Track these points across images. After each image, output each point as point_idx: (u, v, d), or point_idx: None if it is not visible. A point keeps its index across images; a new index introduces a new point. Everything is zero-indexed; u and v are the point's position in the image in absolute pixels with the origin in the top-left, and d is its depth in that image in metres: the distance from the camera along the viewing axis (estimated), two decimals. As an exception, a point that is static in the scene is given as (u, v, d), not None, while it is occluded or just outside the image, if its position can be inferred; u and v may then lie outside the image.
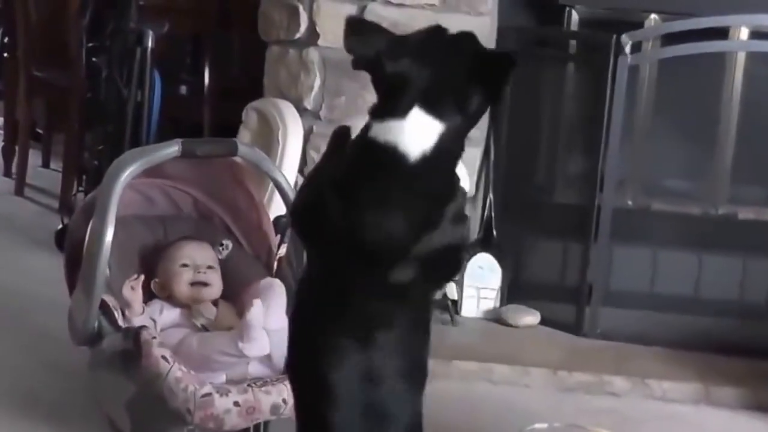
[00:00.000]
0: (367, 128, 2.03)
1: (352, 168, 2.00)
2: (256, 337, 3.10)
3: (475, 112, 1.99)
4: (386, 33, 2.12)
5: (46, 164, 7.00)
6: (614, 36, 4.18)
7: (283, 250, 3.68)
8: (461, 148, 2.01)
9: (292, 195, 3.51)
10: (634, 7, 4.39)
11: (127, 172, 3.22)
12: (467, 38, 2.06)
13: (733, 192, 4.53)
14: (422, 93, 1.94)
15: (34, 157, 6.66)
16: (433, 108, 1.92)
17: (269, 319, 3.14)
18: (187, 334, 3.37)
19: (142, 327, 3.17)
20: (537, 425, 1.48)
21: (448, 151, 1.95)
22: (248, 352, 3.09)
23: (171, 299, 3.51)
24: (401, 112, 1.92)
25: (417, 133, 1.91)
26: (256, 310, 3.11)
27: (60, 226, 5.22)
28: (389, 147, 1.92)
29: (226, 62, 5.78)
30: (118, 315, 3.32)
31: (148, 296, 3.51)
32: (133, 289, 3.39)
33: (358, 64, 2.11)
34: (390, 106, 1.96)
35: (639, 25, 4.32)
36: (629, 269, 4.40)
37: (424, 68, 1.96)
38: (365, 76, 4.37)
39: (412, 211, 1.94)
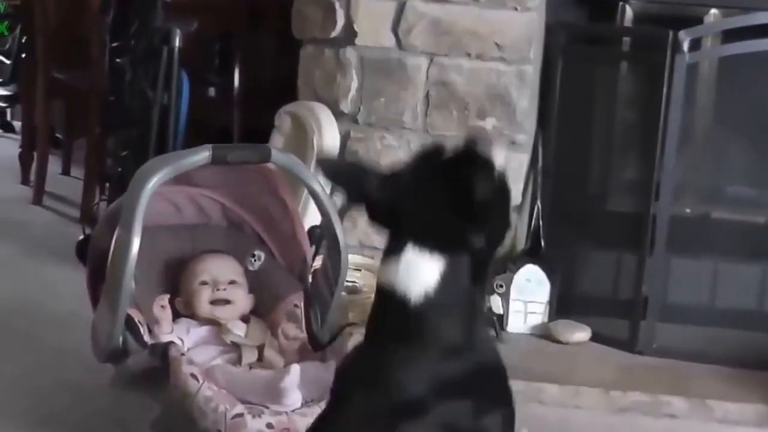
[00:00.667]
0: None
1: (371, 316, 1.99)
2: (289, 397, 3.10)
3: (483, 243, 1.92)
4: (367, 168, 2.10)
5: (66, 171, 7.04)
6: (671, 33, 4.16)
7: (318, 262, 3.70)
8: (480, 282, 1.95)
9: (328, 203, 3.53)
10: (692, 1, 4.38)
11: (154, 180, 3.22)
12: (463, 162, 1.95)
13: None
14: (415, 228, 1.91)
15: (54, 164, 6.70)
16: (429, 244, 1.88)
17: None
18: (217, 356, 3.41)
19: (170, 343, 3.17)
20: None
21: (458, 289, 1.90)
22: (279, 408, 3.10)
23: (196, 316, 3.54)
24: (396, 250, 1.90)
25: (413, 272, 1.87)
26: (291, 378, 3.10)
27: (81, 237, 5.22)
28: (389, 290, 1.89)
29: (257, 62, 5.79)
30: (144, 331, 3.33)
31: (175, 313, 3.54)
32: (163, 308, 3.43)
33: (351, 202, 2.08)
34: (388, 245, 1.95)
35: (698, 20, 4.32)
36: (688, 282, 4.40)
37: (414, 201, 1.93)
38: (407, 78, 4.41)
39: (421, 370, 1.90)
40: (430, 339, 1.87)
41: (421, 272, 1.86)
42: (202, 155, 3.27)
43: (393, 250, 1.92)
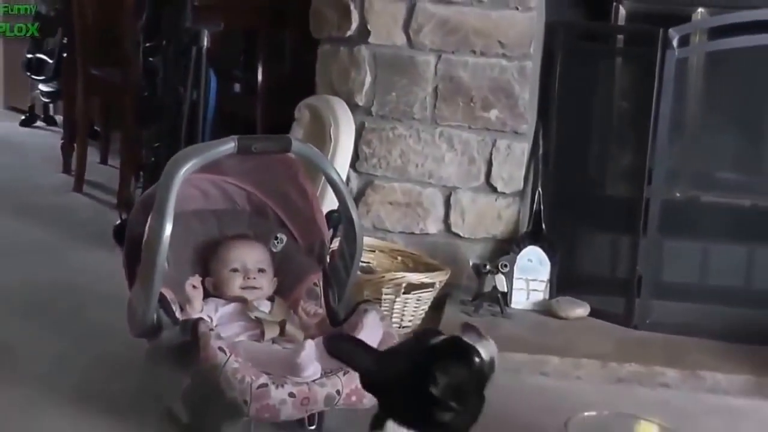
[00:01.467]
0: None
1: None
2: (306, 371, 3.09)
3: (450, 422, 1.95)
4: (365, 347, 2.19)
5: (104, 161, 7.05)
6: (662, 30, 4.15)
7: (335, 244, 3.71)
8: None
9: (344, 190, 3.55)
10: (681, 1, 4.38)
11: (184, 168, 3.23)
12: (440, 352, 2.00)
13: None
14: (394, 406, 1.96)
15: (92, 154, 6.71)
16: (404, 420, 1.92)
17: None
18: (242, 330, 3.43)
19: (200, 319, 3.18)
20: (586, 414, 1.48)
21: None
22: (298, 379, 3.11)
23: (224, 296, 3.55)
24: (379, 423, 1.96)
25: None
26: (307, 354, 3.09)
27: (118, 222, 5.24)
28: None
29: (278, 60, 5.79)
30: (176, 308, 3.37)
31: (205, 292, 3.55)
32: (194, 288, 3.44)
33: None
34: (375, 415, 2.00)
35: (686, 18, 4.32)
36: (679, 261, 4.40)
37: (394, 383, 1.98)
38: (417, 73, 4.42)
39: None
40: None
41: None
42: (228, 146, 3.28)
43: (377, 423, 1.98)
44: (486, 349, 1.95)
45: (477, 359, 1.92)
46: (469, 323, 2.00)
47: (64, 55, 7.22)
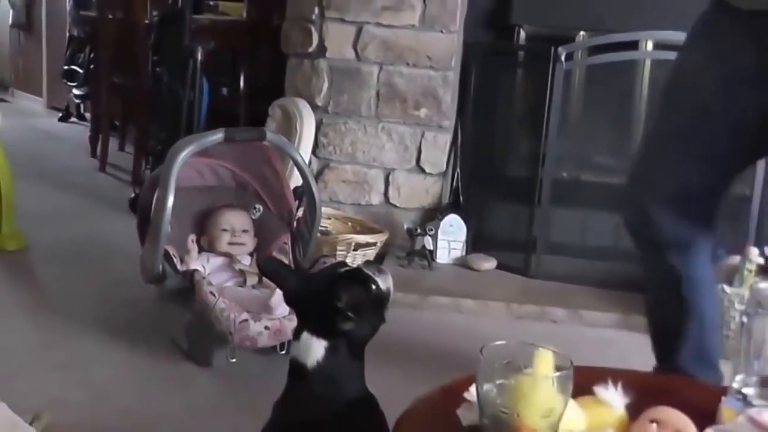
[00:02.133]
0: None
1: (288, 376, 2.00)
2: (276, 310, 3.14)
3: (351, 332, 1.92)
4: (289, 269, 2.18)
5: (122, 148, 7.01)
6: (553, 48, 4.16)
7: (300, 212, 3.70)
8: (357, 355, 1.95)
9: (307, 171, 3.58)
10: (567, 26, 4.38)
11: (183, 153, 3.24)
12: (345, 277, 1.98)
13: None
14: (308, 319, 1.94)
15: (113, 143, 6.68)
16: (315, 330, 1.91)
17: None
18: (229, 278, 3.44)
19: (195, 270, 3.22)
20: (496, 342, 1.48)
21: (339, 360, 1.93)
22: (271, 315, 3.13)
23: (215, 251, 3.54)
24: (298, 333, 1.94)
25: (307, 348, 1.91)
26: (277, 296, 3.12)
27: (132, 195, 5.25)
28: (294, 360, 1.93)
29: (256, 70, 5.77)
30: (177, 262, 3.38)
31: (199, 248, 3.55)
32: (193, 242, 3.47)
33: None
34: (295, 328, 1.97)
35: (572, 39, 4.31)
36: (565, 225, 4.40)
37: (309, 299, 1.96)
38: (363, 80, 4.40)
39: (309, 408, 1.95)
40: (318, 391, 1.91)
41: (312, 348, 1.90)
42: (217, 135, 3.30)
43: (296, 333, 1.95)
44: (384, 280, 1.96)
45: (374, 285, 1.93)
46: (374, 263, 2.02)
47: (92, 66, 7.20)
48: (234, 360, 3.13)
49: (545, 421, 1.51)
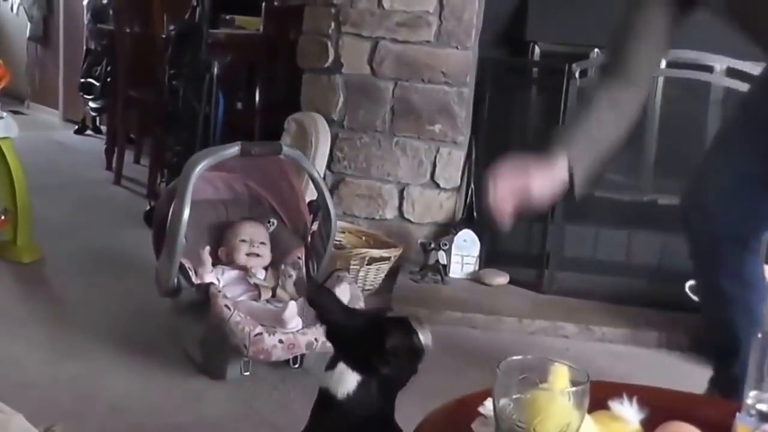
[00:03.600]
0: None
1: (315, 405, 2.07)
2: (290, 324, 3.15)
3: (390, 374, 2.00)
4: (340, 306, 2.17)
5: (137, 161, 7.01)
6: (567, 65, 4.17)
7: (315, 226, 3.71)
8: (387, 396, 2.02)
9: (322, 185, 3.58)
10: (581, 43, 4.37)
11: (200, 166, 3.26)
12: (393, 323, 2.06)
13: (656, 183, 4.53)
14: (346, 353, 2.01)
15: (128, 156, 6.69)
16: (351, 365, 1.98)
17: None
18: (243, 292, 3.46)
19: (210, 284, 3.22)
20: (513, 357, 1.49)
21: (369, 396, 1.99)
22: (285, 329, 3.13)
23: (231, 264, 3.55)
24: (333, 364, 2.00)
25: (340, 379, 1.98)
26: (290, 311, 3.15)
27: (147, 208, 5.24)
28: (325, 388, 2.00)
29: (272, 84, 5.77)
30: (192, 274, 3.38)
31: (214, 260, 3.54)
32: (207, 254, 3.46)
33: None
34: (329, 360, 2.04)
35: (585, 56, 4.31)
36: (578, 242, 4.39)
37: (349, 336, 2.03)
38: (379, 95, 4.40)
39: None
40: (345, 422, 1.98)
41: (345, 380, 1.96)
42: (233, 149, 3.31)
43: (332, 363, 2.01)
44: (425, 335, 2.01)
45: (416, 338, 1.97)
46: (417, 316, 2.07)
47: (108, 79, 7.22)
48: (248, 373, 3.16)
49: (562, 435, 1.51)
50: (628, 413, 1.72)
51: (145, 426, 2.87)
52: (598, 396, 1.61)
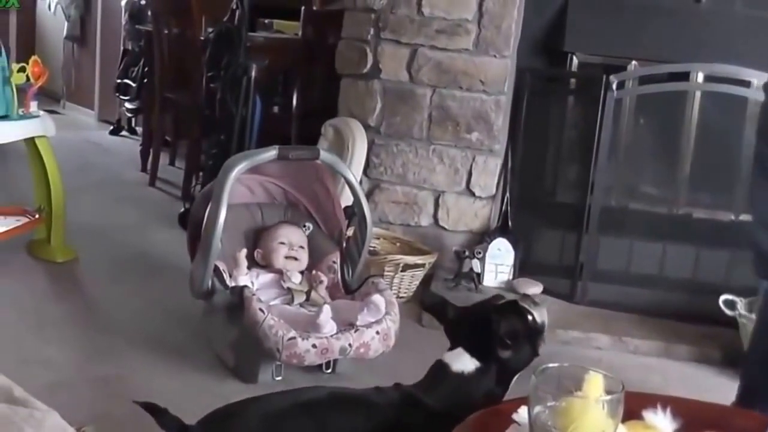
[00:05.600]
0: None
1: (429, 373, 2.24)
2: (324, 328, 3.17)
3: (506, 360, 2.12)
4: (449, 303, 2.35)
5: (172, 163, 7.04)
6: (604, 76, 4.19)
7: (350, 231, 3.73)
8: (502, 382, 2.15)
9: (359, 190, 3.60)
10: (619, 55, 4.39)
11: (236, 169, 3.29)
12: (504, 308, 2.20)
13: (690, 197, 4.53)
14: (466, 342, 2.16)
15: (163, 158, 6.73)
16: (472, 352, 2.14)
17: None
18: (277, 296, 3.48)
19: (245, 287, 3.23)
20: (549, 365, 1.52)
21: (485, 381, 2.13)
22: (319, 334, 3.16)
23: (267, 267, 3.58)
24: (454, 348, 2.18)
25: (460, 359, 2.15)
26: (324, 315, 3.18)
27: (182, 210, 5.28)
28: (446, 363, 2.17)
29: (309, 89, 5.79)
30: (226, 277, 3.41)
31: (249, 264, 3.58)
32: (243, 256, 3.50)
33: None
34: (451, 345, 2.21)
35: (623, 68, 4.32)
36: (611, 253, 4.39)
37: (469, 330, 2.18)
38: (416, 102, 4.42)
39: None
40: (450, 395, 2.13)
41: (464, 361, 2.12)
42: (271, 153, 3.34)
43: (453, 348, 2.18)
44: (539, 314, 2.08)
45: (530, 317, 2.02)
46: (528, 294, 2.17)
47: (145, 81, 7.26)
48: (280, 378, 3.19)
49: (597, 443, 1.54)
50: (662, 423, 1.75)
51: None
52: (631, 406, 1.64)
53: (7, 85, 4.13)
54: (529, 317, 2.11)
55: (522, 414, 1.69)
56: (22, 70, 4.17)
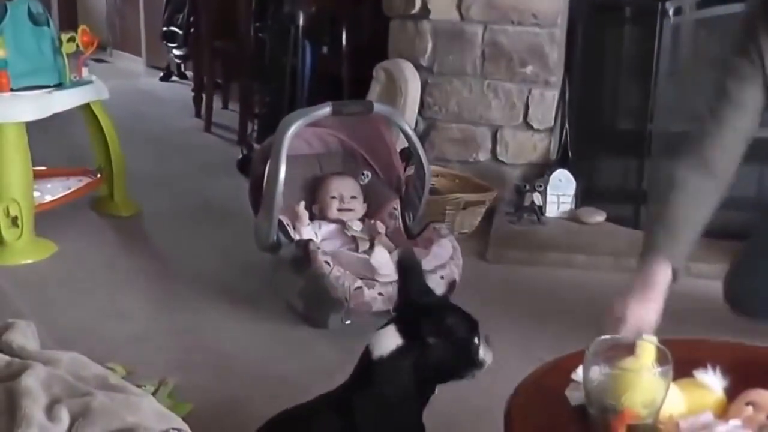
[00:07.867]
0: None
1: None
2: (381, 270, 3.29)
3: (426, 345, 2.05)
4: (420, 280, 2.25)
5: (225, 106, 7.16)
6: (660, 3, 4.24)
7: (409, 171, 3.84)
8: (420, 371, 2.07)
9: (414, 138, 3.67)
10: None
11: (293, 128, 3.38)
12: (465, 314, 2.12)
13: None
14: (401, 318, 2.10)
15: (216, 101, 6.85)
16: (400, 327, 2.06)
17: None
18: (342, 245, 3.59)
19: (309, 240, 3.35)
20: (603, 337, 1.61)
21: (402, 366, 2.06)
22: (380, 279, 3.27)
23: (326, 218, 3.72)
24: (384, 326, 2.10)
25: (381, 339, 2.08)
26: (376, 256, 3.33)
27: (240, 156, 5.41)
28: (370, 345, 2.10)
29: (358, 31, 5.78)
30: (290, 230, 3.52)
31: (310, 216, 3.70)
32: (303, 209, 3.62)
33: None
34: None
35: (679, -7, 4.37)
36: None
37: (409, 305, 2.13)
38: (468, 41, 4.44)
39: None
40: (370, 381, 2.09)
41: (386, 340, 2.06)
42: (325, 110, 3.43)
43: (385, 324, 2.11)
44: (486, 352, 2.07)
45: (478, 344, 2.06)
46: (488, 335, 2.13)
47: (192, 30, 7.35)
48: (349, 322, 3.27)
49: (647, 409, 1.68)
50: (712, 382, 1.84)
51: (254, 375, 3.03)
52: (683, 356, 1.74)
53: (58, 54, 4.26)
54: (476, 339, 2.08)
55: (580, 373, 1.77)
56: (71, 39, 4.28)
